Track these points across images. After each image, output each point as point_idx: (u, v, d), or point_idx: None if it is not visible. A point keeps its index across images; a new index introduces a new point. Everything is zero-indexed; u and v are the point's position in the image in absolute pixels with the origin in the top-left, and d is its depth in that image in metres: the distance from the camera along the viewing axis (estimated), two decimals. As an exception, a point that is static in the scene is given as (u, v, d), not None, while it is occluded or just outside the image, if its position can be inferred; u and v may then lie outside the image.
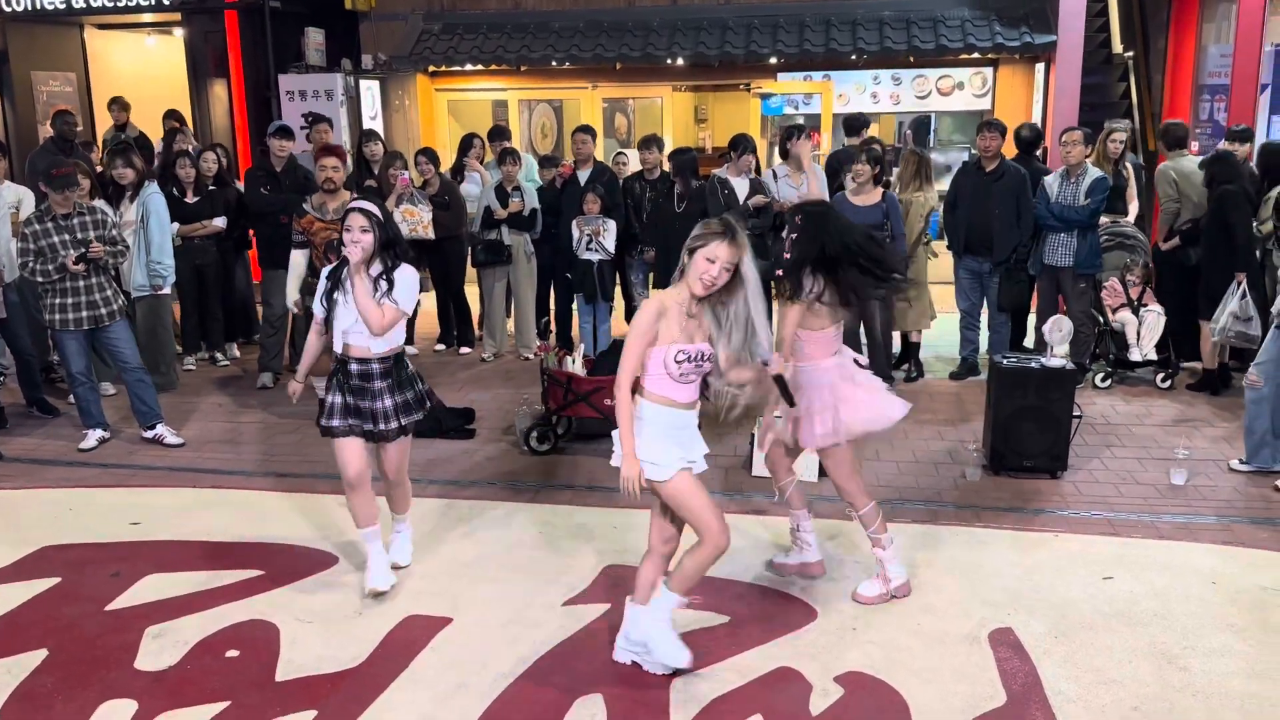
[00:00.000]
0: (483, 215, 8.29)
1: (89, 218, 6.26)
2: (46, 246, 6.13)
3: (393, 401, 4.37)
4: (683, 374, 3.66)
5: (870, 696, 3.72)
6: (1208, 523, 5.17)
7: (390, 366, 4.37)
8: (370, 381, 4.34)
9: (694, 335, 3.66)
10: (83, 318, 6.24)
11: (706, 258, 3.54)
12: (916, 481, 5.76)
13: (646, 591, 3.86)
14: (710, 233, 3.57)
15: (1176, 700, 3.66)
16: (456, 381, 7.95)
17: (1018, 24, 10.82)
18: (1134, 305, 7.53)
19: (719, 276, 3.55)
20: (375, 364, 4.33)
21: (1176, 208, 7.71)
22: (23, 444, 6.63)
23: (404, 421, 4.41)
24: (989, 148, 7.42)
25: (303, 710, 3.67)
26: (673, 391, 3.69)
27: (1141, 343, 7.41)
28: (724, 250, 3.53)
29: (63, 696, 3.78)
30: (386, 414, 4.36)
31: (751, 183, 7.37)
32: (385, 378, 4.36)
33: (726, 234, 3.56)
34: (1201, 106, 10.34)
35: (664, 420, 3.70)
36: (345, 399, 4.35)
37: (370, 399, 4.34)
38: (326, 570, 4.76)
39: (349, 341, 4.32)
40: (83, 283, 6.21)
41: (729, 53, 11.10)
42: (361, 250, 4.20)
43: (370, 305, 4.21)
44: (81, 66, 12.70)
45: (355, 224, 4.20)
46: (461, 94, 12.54)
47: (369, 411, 4.35)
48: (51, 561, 4.91)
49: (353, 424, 4.36)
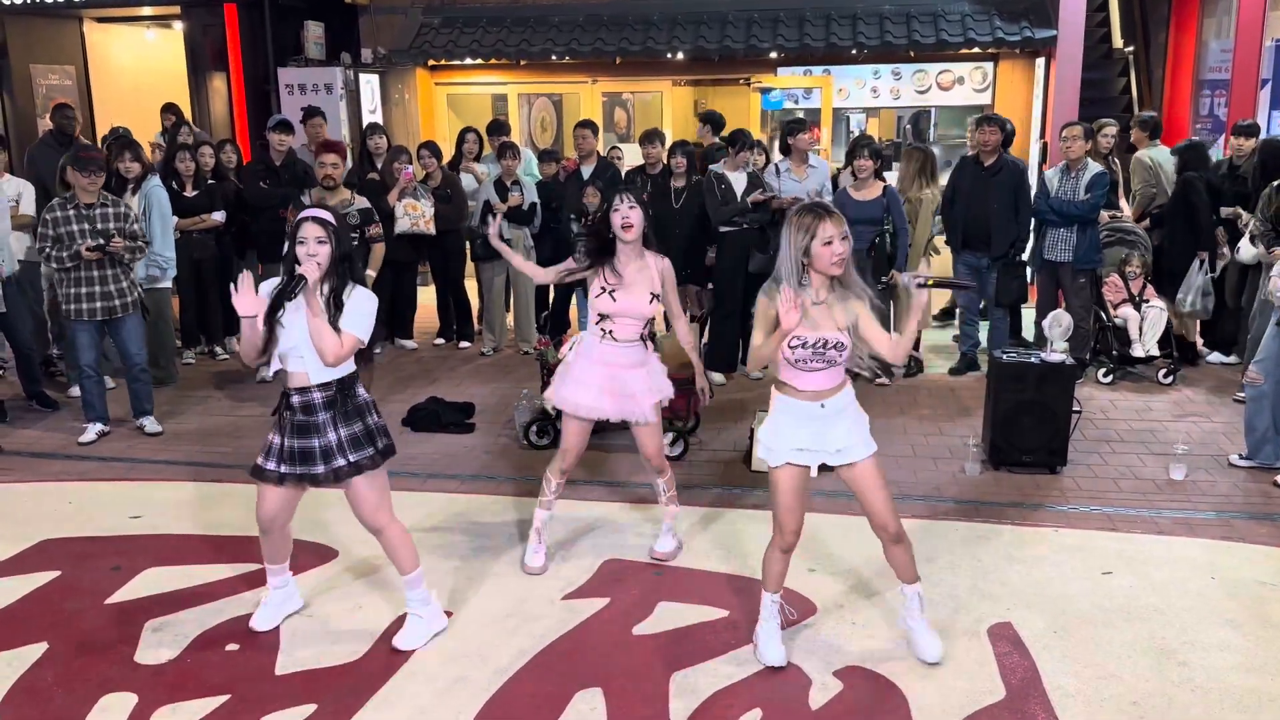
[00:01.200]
0: (482, 210, 8.28)
1: (110, 209, 6.28)
2: (65, 234, 6.16)
3: (337, 436, 3.79)
4: (798, 360, 3.62)
5: (869, 691, 3.72)
6: (1207, 518, 5.17)
7: (334, 395, 3.79)
8: (312, 414, 3.78)
9: (820, 323, 3.60)
10: (96, 308, 6.26)
11: (823, 241, 3.55)
12: (915, 476, 5.77)
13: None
14: (808, 221, 3.57)
15: (1175, 695, 3.66)
16: (456, 376, 7.95)
17: (1018, 19, 10.82)
18: (1135, 300, 7.53)
19: (842, 249, 3.56)
20: (316, 393, 3.77)
21: (1154, 192, 8.16)
22: (23, 437, 6.63)
23: (354, 457, 3.80)
24: (987, 142, 7.41)
25: (303, 704, 3.68)
26: (793, 379, 3.68)
27: (1144, 338, 7.41)
28: (830, 226, 3.54)
29: (63, 689, 3.78)
30: (328, 450, 3.78)
31: (750, 177, 7.37)
32: (329, 408, 3.79)
33: (820, 212, 3.58)
34: (1202, 101, 10.35)
35: (785, 407, 3.72)
36: (285, 440, 3.81)
37: (313, 435, 3.78)
38: (326, 564, 4.76)
39: (288, 368, 3.78)
40: (97, 273, 6.23)
41: (729, 47, 11.10)
42: (318, 266, 3.68)
43: (327, 332, 3.68)
44: (81, 60, 12.70)
45: (311, 235, 3.68)
46: (461, 88, 12.53)
47: (311, 452, 3.79)
48: (51, 555, 4.91)
49: (287, 471, 3.81)
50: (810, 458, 3.68)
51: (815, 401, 3.66)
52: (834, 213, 3.60)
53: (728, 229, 7.31)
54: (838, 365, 3.65)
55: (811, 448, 3.67)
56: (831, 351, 3.60)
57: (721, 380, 7.52)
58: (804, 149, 7.51)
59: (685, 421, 6.22)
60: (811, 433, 3.66)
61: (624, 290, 4.37)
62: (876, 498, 3.73)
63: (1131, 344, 7.44)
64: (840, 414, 3.69)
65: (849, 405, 3.72)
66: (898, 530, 3.76)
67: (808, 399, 3.67)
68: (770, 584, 3.88)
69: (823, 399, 3.66)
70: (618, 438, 6.13)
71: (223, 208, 8.17)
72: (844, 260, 3.58)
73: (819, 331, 3.59)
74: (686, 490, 5.53)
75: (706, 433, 6.45)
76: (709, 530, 5.06)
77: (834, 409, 3.67)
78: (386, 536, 3.99)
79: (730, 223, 7.27)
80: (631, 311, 4.38)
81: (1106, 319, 7.56)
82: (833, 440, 3.67)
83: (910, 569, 3.86)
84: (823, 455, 3.68)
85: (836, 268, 3.58)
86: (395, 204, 8.00)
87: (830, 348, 3.59)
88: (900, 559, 3.83)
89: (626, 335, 4.41)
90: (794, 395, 3.69)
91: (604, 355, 4.44)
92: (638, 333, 4.43)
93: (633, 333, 4.42)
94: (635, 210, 4.33)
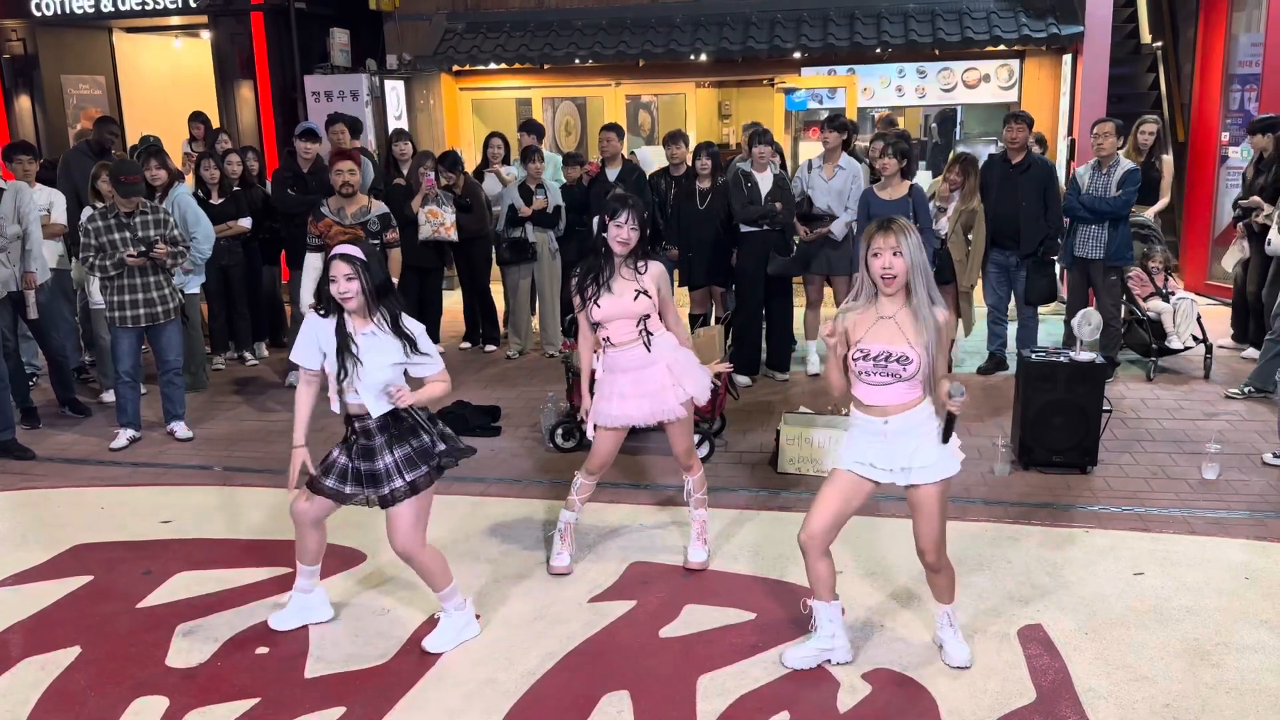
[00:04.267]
0: (507, 213, 8.31)
1: (150, 216, 6.36)
2: (107, 243, 6.25)
3: (393, 458, 3.88)
4: (860, 371, 3.59)
5: (898, 694, 3.70)
6: (1240, 517, 5.10)
7: (386, 419, 3.89)
8: (371, 439, 3.89)
9: (886, 337, 3.55)
10: (140, 315, 6.35)
11: (872, 254, 3.54)
12: (944, 477, 5.72)
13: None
14: (871, 230, 3.57)
15: (1209, 698, 3.62)
16: (482, 379, 7.97)
17: (1044, 15, 10.73)
18: (1163, 293, 7.49)
19: (891, 263, 3.50)
20: (371, 419, 3.88)
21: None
22: (55, 443, 6.71)
23: (410, 476, 3.87)
24: (1015, 140, 7.35)
25: (332, 707, 3.70)
26: (860, 392, 3.65)
27: (1179, 329, 7.38)
28: (880, 240, 3.51)
29: (95, 693, 3.82)
30: (389, 472, 3.87)
31: (776, 178, 7.34)
32: (383, 432, 3.89)
33: (885, 224, 3.55)
34: (1232, 96, 10.21)
35: (855, 421, 3.72)
36: (353, 462, 3.92)
37: (376, 458, 3.88)
38: (355, 567, 4.79)
39: (348, 400, 3.89)
40: (139, 280, 6.32)
41: (752, 48, 11.07)
42: (356, 301, 3.80)
43: (433, 393, 3.96)
44: (110, 70, 12.85)
45: (340, 273, 3.78)
46: (486, 93, 12.58)
47: (371, 474, 3.88)
48: (84, 560, 4.97)
49: (352, 492, 3.91)
50: (872, 472, 3.65)
51: (880, 418, 3.61)
52: (894, 227, 3.52)
53: (750, 229, 7.29)
54: (904, 381, 3.55)
55: (878, 464, 3.63)
56: (894, 365, 3.52)
57: (747, 382, 7.50)
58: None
59: (711, 423, 6.21)
60: (879, 451, 3.62)
61: (606, 294, 4.38)
62: (927, 527, 3.67)
63: (1168, 336, 7.42)
64: (908, 434, 3.59)
65: (920, 426, 3.59)
66: (935, 562, 3.74)
67: (873, 415, 3.63)
68: (820, 591, 3.84)
69: (887, 415, 3.59)
70: (647, 440, 6.14)
71: (249, 215, 8.23)
72: (892, 277, 3.51)
73: (882, 344, 3.54)
74: (712, 493, 5.52)
75: (732, 435, 6.43)
76: (735, 533, 5.05)
77: (899, 428, 3.59)
78: (418, 563, 4.00)
79: (753, 224, 7.25)
80: (618, 313, 4.37)
81: (1139, 313, 7.51)
82: (898, 459, 3.61)
83: (946, 594, 3.87)
84: (888, 474, 3.63)
85: (885, 283, 3.52)
86: (418, 210, 8.03)
87: (892, 360, 3.52)
88: (937, 584, 3.86)
89: (623, 337, 4.40)
90: (860, 410, 3.67)
91: (612, 363, 4.46)
92: (634, 332, 4.40)
93: (628, 333, 4.40)
94: (635, 232, 4.29)
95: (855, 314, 3.63)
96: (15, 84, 12.13)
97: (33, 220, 6.79)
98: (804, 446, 5.75)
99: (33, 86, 12.12)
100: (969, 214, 7.39)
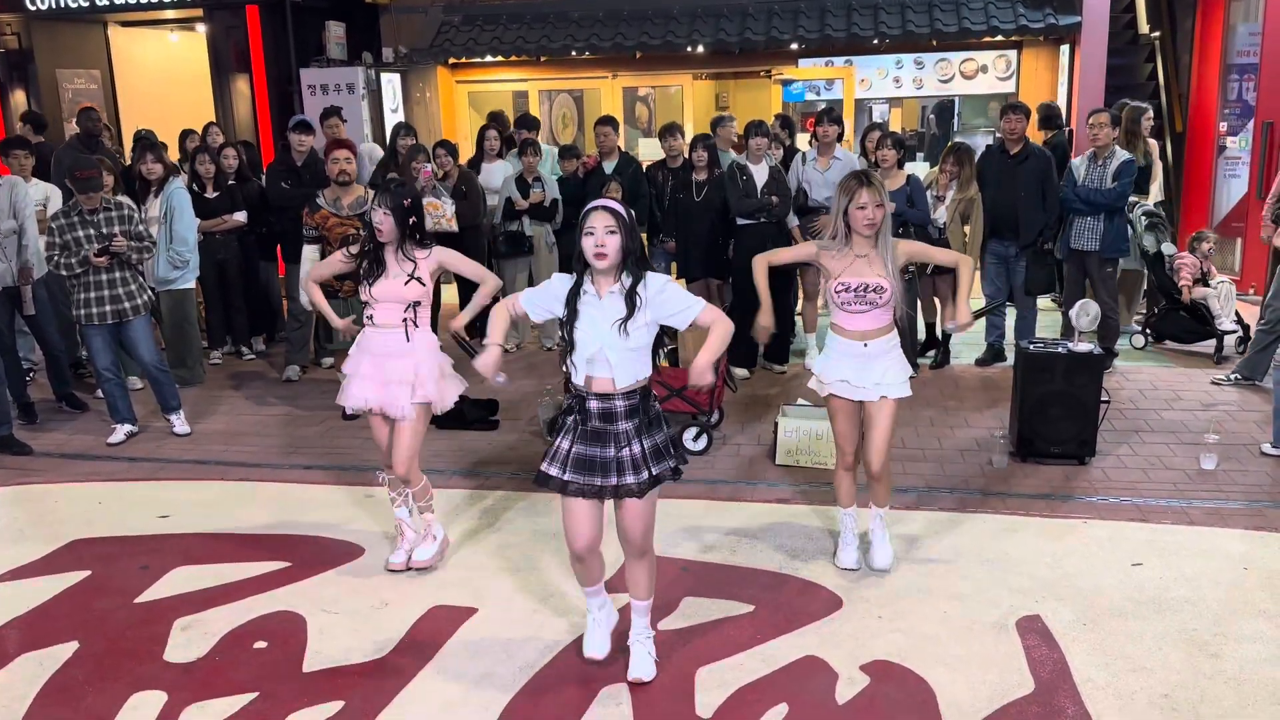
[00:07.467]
0: (504, 206, 8.29)
1: (115, 212, 6.30)
2: (71, 240, 6.19)
3: (640, 448, 3.50)
4: (843, 303, 4.19)
5: (897, 685, 3.70)
6: (1238, 508, 5.10)
7: (637, 404, 3.51)
8: (613, 423, 3.51)
9: (862, 271, 4.15)
10: (106, 312, 6.29)
11: (858, 206, 4.10)
12: (943, 469, 5.73)
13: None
14: (851, 185, 4.11)
15: (1208, 687, 3.62)
16: (480, 372, 7.94)
17: (1041, 5, 10.71)
18: (1204, 279, 7.67)
19: (875, 215, 4.10)
20: (619, 401, 3.48)
21: None
22: (52, 439, 6.70)
23: (655, 470, 3.51)
24: (1013, 130, 7.34)
25: (330, 701, 3.69)
26: (841, 320, 4.26)
27: (1225, 310, 7.64)
28: (865, 194, 4.09)
29: (94, 688, 3.82)
30: (635, 463, 3.48)
31: (771, 170, 7.32)
32: (631, 417, 3.50)
33: (862, 179, 4.11)
34: (1230, 86, 10.20)
35: (834, 345, 4.31)
36: (577, 446, 3.54)
37: (610, 445, 3.50)
38: (353, 561, 4.78)
39: (590, 374, 3.49)
40: (105, 277, 6.26)
41: (749, 39, 11.06)
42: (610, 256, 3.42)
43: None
44: (106, 63, 12.81)
45: (600, 225, 3.39)
46: (482, 85, 12.56)
47: (604, 462, 3.50)
48: (81, 555, 4.96)
49: (586, 482, 3.51)
50: (852, 391, 4.25)
51: (859, 341, 4.22)
52: (873, 182, 4.10)
53: (746, 222, 7.28)
54: (880, 308, 4.17)
55: (854, 382, 4.23)
56: (872, 294, 4.14)
57: (745, 374, 7.50)
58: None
59: (709, 415, 6.20)
60: (854, 369, 4.23)
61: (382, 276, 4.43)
62: (879, 438, 4.28)
63: (1216, 318, 7.63)
64: (881, 355, 4.23)
65: (891, 350, 4.25)
66: (879, 471, 4.34)
67: (853, 338, 4.23)
68: (841, 500, 4.54)
69: (866, 339, 4.21)
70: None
71: (244, 208, 8.21)
72: (874, 224, 4.10)
73: (860, 277, 4.15)
74: (710, 485, 5.52)
75: (730, 427, 6.43)
76: (735, 525, 5.05)
77: (875, 350, 4.22)
78: (648, 561, 3.71)
79: (749, 216, 7.24)
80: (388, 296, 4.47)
81: (1179, 300, 7.68)
82: (871, 376, 4.21)
83: (884, 498, 4.50)
84: (863, 391, 4.23)
85: (867, 228, 4.12)
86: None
87: (870, 290, 4.14)
88: (878, 491, 4.46)
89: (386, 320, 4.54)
90: (841, 335, 4.27)
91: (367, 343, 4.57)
92: (399, 318, 4.54)
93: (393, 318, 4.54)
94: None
95: (832, 254, 4.22)
96: (10, 78, 12.10)
97: (28, 215, 6.77)
98: (802, 439, 5.75)
99: (28, 81, 12.08)
100: (966, 203, 7.39)
